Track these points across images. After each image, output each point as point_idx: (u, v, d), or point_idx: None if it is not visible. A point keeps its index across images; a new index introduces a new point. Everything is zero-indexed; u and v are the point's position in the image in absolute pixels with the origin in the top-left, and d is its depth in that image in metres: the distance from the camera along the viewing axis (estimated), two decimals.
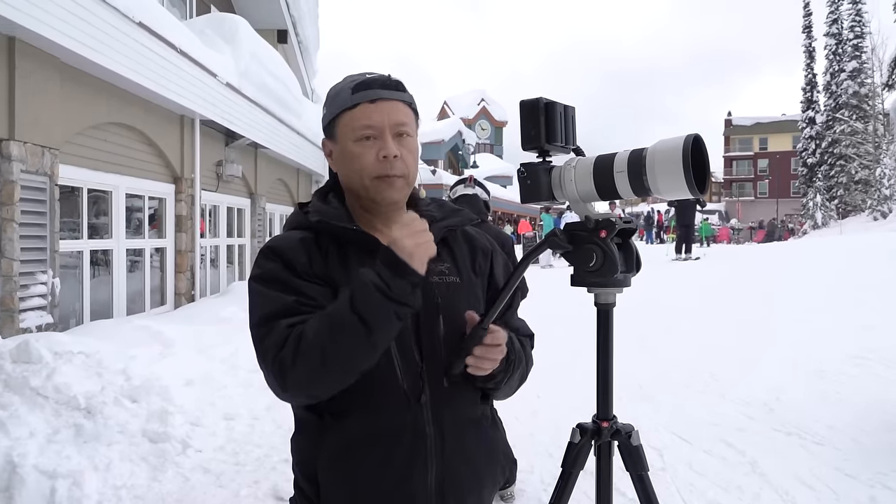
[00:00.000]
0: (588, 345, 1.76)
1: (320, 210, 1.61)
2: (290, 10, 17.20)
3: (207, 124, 10.61)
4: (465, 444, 1.60)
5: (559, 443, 1.73)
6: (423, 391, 1.54)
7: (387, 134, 1.57)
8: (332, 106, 1.62)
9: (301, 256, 1.54)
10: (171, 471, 4.22)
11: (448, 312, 1.59)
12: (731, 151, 75.18)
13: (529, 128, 1.56)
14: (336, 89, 1.63)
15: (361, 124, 1.56)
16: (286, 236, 1.62)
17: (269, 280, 1.53)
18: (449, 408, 1.58)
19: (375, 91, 1.58)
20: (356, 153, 1.57)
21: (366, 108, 1.56)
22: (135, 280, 9.15)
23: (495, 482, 1.72)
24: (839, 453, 4.26)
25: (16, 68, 6.13)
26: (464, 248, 1.75)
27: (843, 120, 42.12)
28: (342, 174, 1.64)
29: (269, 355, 1.43)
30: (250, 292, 1.56)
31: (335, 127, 1.61)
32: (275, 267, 1.54)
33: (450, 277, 1.65)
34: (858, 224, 32.50)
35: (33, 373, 4.62)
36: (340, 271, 1.55)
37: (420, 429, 1.53)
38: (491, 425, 1.72)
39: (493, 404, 1.79)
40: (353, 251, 1.57)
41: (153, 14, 8.09)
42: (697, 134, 1.40)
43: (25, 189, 6.29)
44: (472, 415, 1.65)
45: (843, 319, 8.05)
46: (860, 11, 43.99)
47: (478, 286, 1.72)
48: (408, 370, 1.53)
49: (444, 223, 1.70)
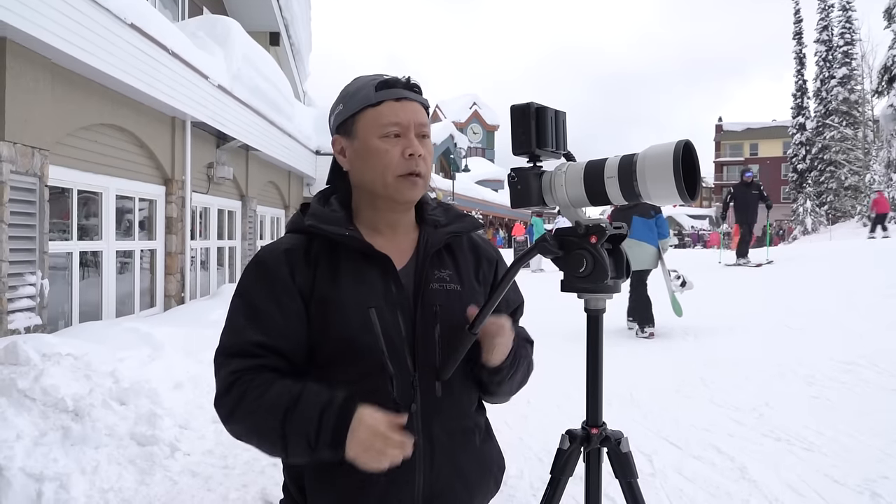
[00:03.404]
0: (579, 350, 1.76)
1: (316, 213, 1.60)
2: (282, 12, 17.20)
3: (199, 126, 10.60)
4: (456, 455, 1.59)
5: (549, 448, 1.73)
6: (414, 400, 1.53)
7: (412, 132, 1.57)
8: (351, 102, 1.60)
9: (283, 270, 1.54)
10: (160, 474, 4.20)
11: (446, 321, 1.58)
12: (722, 157, 75.40)
13: (520, 132, 1.55)
14: (355, 86, 1.62)
15: (390, 121, 1.55)
16: (274, 247, 1.61)
17: (245, 305, 1.55)
18: (440, 418, 1.56)
19: (400, 90, 1.58)
20: (382, 149, 1.55)
21: (392, 105, 1.56)
22: (124, 282, 9.12)
23: (487, 495, 1.70)
24: (828, 459, 4.26)
25: (6, 69, 6.11)
26: (468, 256, 1.73)
27: (833, 126, 42.39)
28: (359, 171, 1.61)
29: (217, 391, 1.51)
30: (230, 306, 1.59)
31: (355, 123, 1.59)
32: (254, 288, 1.56)
33: (451, 285, 1.64)
34: (848, 230, 32.65)
35: (21, 374, 4.59)
36: (328, 277, 1.54)
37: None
38: (484, 437, 1.71)
39: (488, 415, 1.77)
40: (344, 255, 1.57)
41: (145, 16, 8.07)
42: (688, 140, 1.40)
43: (15, 190, 6.26)
44: (464, 425, 1.64)
45: (833, 325, 8.07)
46: (850, 18, 44.34)
47: (480, 295, 1.69)
48: (400, 378, 1.52)
49: (449, 229, 1.69)
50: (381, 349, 1.50)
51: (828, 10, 45.97)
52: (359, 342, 1.50)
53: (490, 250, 1.80)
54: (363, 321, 1.51)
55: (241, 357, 1.50)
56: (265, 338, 1.50)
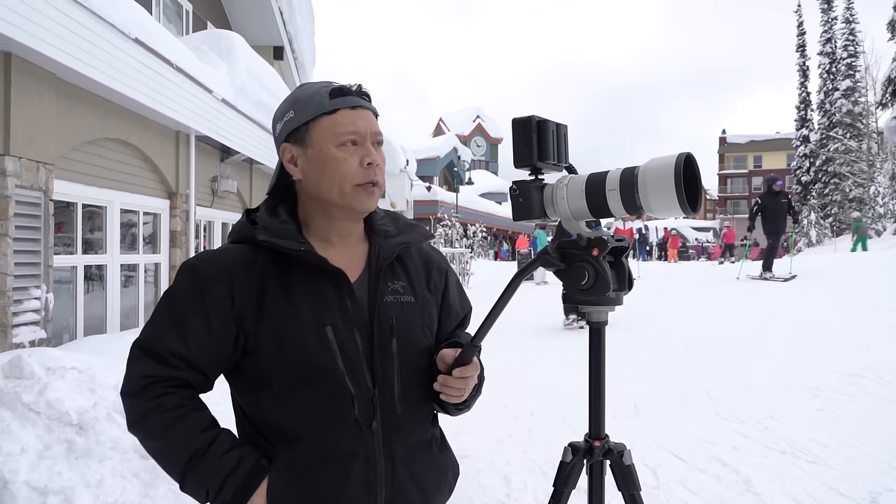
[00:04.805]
0: (584, 362, 1.76)
1: (268, 227, 1.55)
2: (286, 26, 17.26)
3: (203, 140, 10.63)
4: (415, 469, 1.58)
5: (553, 461, 1.72)
6: (375, 417, 1.52)
7: (368, 141, 1.55)
8: (303, 109, 1.56)
9: (220, 291, 1.51)
10: (163, 487, 4.19)
11: (402, 334, 1.57)
12: (726, 169, 75.42)
13: (521, 146, 1.56)
14: (305, 94, 1.58)
15: (347, 130, 1.52)
16: (216, 258, 1.57)
17: (173, 310, 1.53)
18: (400, 434, 1.56)
19: (355, 98, 1.55)
20: (340, 158, 1.52)
21: (348, 113, 1.53)
22: (129, 295, 9.13)
23: (442, 501, 1.69)
24: (833, 472, 4.25)
25: (11, 84, 6.14)
26: (419, 266, 1.71)
27: (837, 138, 42.37)
28: (314, 180, 1.56)
29: (124, 386, 1.52)
30: (160, 300, 1.57)
31: (308, 131, 1.55)
32: (183, 294, 1.53)
33: (405, 297, 1.62)
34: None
35: (25, 388, 4.60)
36: (281, 297, 1.51)
37: (371, 456, 1.51)
38: (440, 447, 1.70)
39: (440, 425, 1.76)
40: (296, 270, 1.53)
41: (149, 30, 8.11)
42: (689, 152, 1.40)
43: (20, 204, 6.28)
44: (422, 438, 1.63)
45: (838, 337, 8.05)
46: (854, 31, 44.39)
47: (432, 304, 1.69)
48: (360, 396, 1.51)
49: (400, 239, 1.66)
50: (340, 369, 1.49)
51: (831, 23, 46.05)
52: (316, 362, 1.48)
53: (439, 259, 1.79)
54: (320, 340, 1.49)
55: (155, 360, 1.49)
56: (184, 349, 1.49)
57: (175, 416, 1.47)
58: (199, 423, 1.49)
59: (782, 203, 14.28)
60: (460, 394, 1.55)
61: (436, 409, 1.70)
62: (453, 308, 1.76)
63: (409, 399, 1.57)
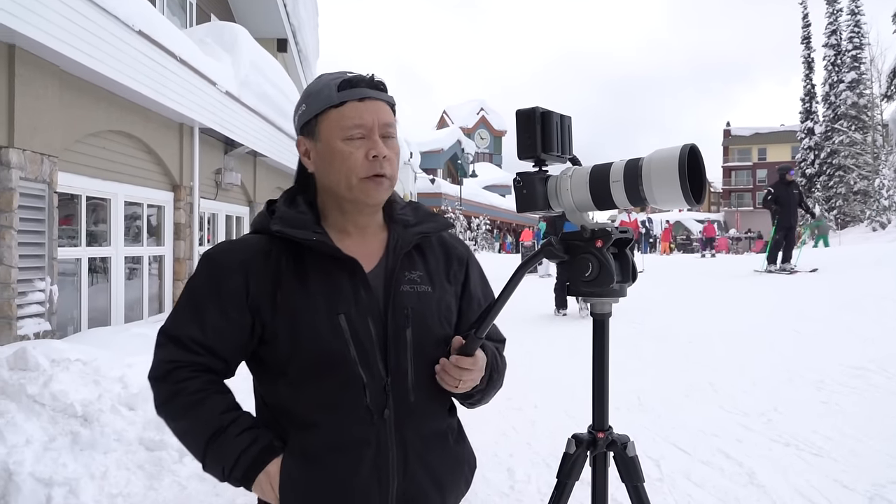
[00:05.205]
0: (587, 354, 1.75)
1: (283, 217, 1.57)
2: (290, 19, 17.23)
3: (206, 132, 10.62)
4: (429, 459, 1.58)
5: (557, 453, 1.72)
6: (387, 405, 1.52)
7: (375, 134, 1.54)
8: (313, 102, 1.57)
9: (236, 281, 1.53)
10: (168, 479, 4.21)
11: (417, 323, 1.57)
12: (730, 161, 75.25)
13: (525, 137, 1.55)
14: (317, 86, 1.58)
15: (352, 123, 1.52)
16: (232, 248, 1.60)
17: (192, 299, 1.57)
18: (413, 422, 1.56)
19: (363, 90, 1.54)
20: (345, 152, 1.52)
21: (355, 106, 1.53)
22: (133, 288, 9.14)
23: (458, 495, 1.69)
24: (837, 464, 4.24)
25: (15, 76, 6.14)
26: (438, 256, 1.71)
27: (842, 131, 42.24)
28: (323, 174, 1.58)
29: (152, 370, 1.56)
30: (183, 290, 1.61)
31: (318, 124, 1.56)
32: (201, 285, 1.57)
33: (421, 286, 1.62)
34: (857, 235, 32.50)
35: (30, 380, 4.61)
36: (296, 286, 1.53)
37: (382, 444, 1.51)
38: (456, 438, 1.70)
39: (459, 416, 1.76)
40: (311, 259, 1.54)
41: (153, 23, 8.10)
42: (693, 144, 1.40)
43: (24, 196, 6.29)
44: (436, 428, 1.63)
45: (843, 330, 8.03)
46: (859, 23, 44.21)
47: (451, 295, 1.68)
48: (372, 384, 1.51)
49: (419, 229, 1.66)
50: (352, 358, 1.50)
51: (836, 15, 45.89)
52: (329, 350, 1.49)
53: (461, 249, 1.78)
54: (333, 328, 1.50)
55: (177, 346, 1.53)
56: (202, 336, 1.52)
57: (197, 398, 1.50)
58: (220, 405, 1.53)
59: (794, 193, 14.16)
60: (456, 384, 1.55)
61: (456, 400, 1.71)
62: (475, 298, 1.75)
63: (424, 388, 1.57)
